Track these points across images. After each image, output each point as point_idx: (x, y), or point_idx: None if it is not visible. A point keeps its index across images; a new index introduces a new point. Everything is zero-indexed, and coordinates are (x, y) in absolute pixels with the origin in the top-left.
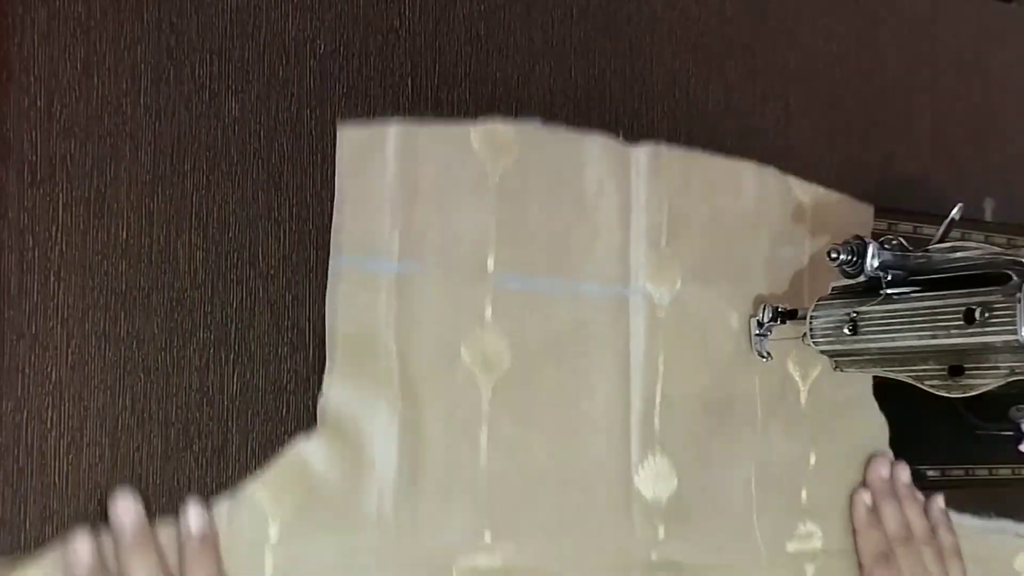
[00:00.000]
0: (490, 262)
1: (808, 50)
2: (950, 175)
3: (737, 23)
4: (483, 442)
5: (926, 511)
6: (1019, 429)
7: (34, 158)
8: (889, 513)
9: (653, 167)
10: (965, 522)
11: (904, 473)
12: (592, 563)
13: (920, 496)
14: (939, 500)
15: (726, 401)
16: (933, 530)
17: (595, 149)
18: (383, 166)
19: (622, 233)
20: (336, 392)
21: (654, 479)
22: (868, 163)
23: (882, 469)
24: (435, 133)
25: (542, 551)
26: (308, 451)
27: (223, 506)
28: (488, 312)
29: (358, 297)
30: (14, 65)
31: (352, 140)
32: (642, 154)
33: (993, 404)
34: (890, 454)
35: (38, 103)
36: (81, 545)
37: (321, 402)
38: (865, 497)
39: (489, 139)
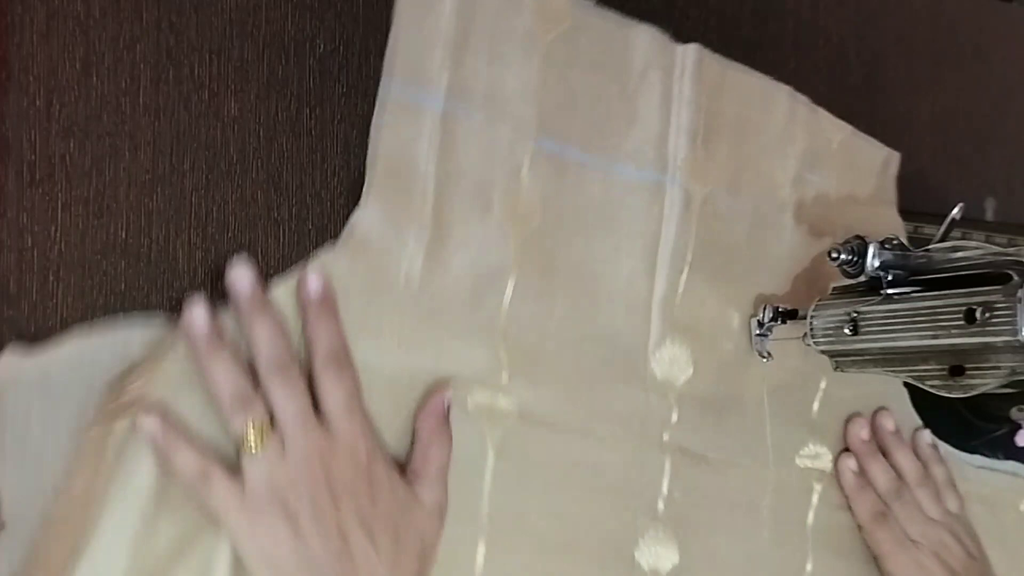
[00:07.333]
0: (531, 121)
1: (808, 50)
2: (951, 175)
3: (737, 23)
4: (508, 287)
5: (915, 450)
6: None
7: (33, 158)
8: (877, 471)
9: (696, 68)
10: (974, 462)
11: (887, 422)
12: (606, 428)
13: (905, 438)
14: (925, 435)
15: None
16: (925, 467)
17: (644, 37)
18: (440, 10)
19: (661, 124)
20: (369, 212)
21: (670, 363)
22: None
23: (861, 431)
24: None
25: (557, 404)
26: (330, 261)
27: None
28: (525, 168)
29: (403, 125)
30: (14, 65)
31: None
32: (689, 52)
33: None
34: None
35: (37, 103)
36: (198, 311)
37: (353, 218)
38: (850, 463)
39: (543, 3)
